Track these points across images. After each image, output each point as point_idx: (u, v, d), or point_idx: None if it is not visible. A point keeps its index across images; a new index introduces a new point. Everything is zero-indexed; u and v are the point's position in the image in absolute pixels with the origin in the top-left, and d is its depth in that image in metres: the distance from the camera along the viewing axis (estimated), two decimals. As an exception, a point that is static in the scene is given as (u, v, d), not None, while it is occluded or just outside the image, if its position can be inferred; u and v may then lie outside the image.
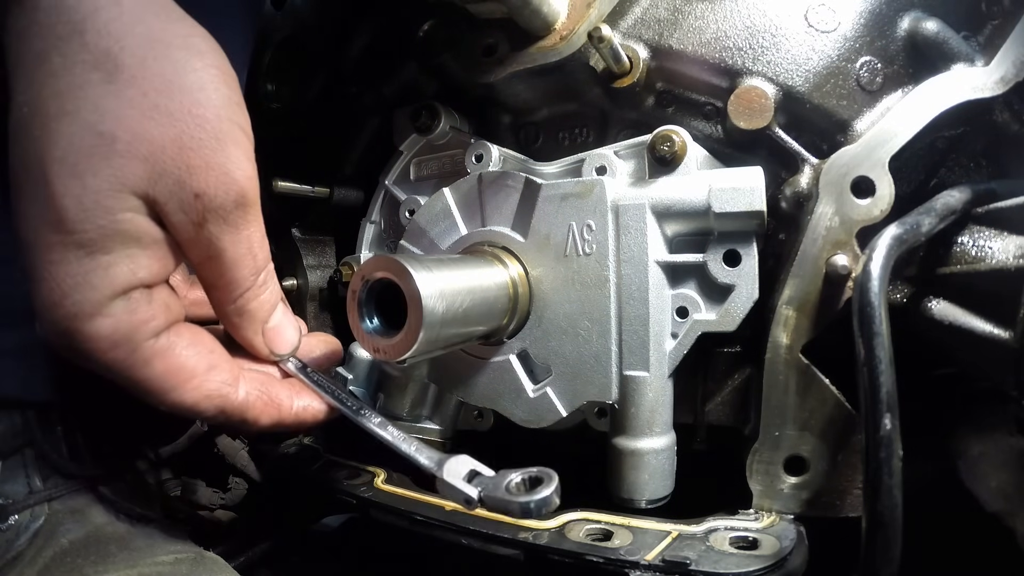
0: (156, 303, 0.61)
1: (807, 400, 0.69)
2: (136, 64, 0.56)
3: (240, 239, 0.63)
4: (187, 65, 0.59)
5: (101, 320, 0.56)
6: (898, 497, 0.56)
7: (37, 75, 0.55)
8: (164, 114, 0.57)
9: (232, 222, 0.61)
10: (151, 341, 0.59)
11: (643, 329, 0.73)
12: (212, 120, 0.59)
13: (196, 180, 0.58)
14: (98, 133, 0.55)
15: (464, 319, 0.68)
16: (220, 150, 0.59)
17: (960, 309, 0.66)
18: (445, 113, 0.92)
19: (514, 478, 0.60)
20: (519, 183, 0.80)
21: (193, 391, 0.62)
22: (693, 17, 0.78)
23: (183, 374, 0.61)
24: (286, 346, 0.72)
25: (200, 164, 0.58)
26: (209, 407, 0.63)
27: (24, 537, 0.77)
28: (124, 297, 0.58)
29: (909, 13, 0.74)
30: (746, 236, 0.71)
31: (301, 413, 0.71)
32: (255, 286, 0.66)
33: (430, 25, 0.91)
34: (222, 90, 0.60)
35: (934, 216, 0.64)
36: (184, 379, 0.61)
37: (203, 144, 0.58)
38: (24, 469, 0.81)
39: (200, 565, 0.75)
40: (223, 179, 0.59)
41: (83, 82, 0.55)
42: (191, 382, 0.62)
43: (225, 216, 0.61)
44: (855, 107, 0.73)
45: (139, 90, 0.56)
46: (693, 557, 0.63)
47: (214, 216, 0.60)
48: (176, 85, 0.58)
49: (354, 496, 0.84)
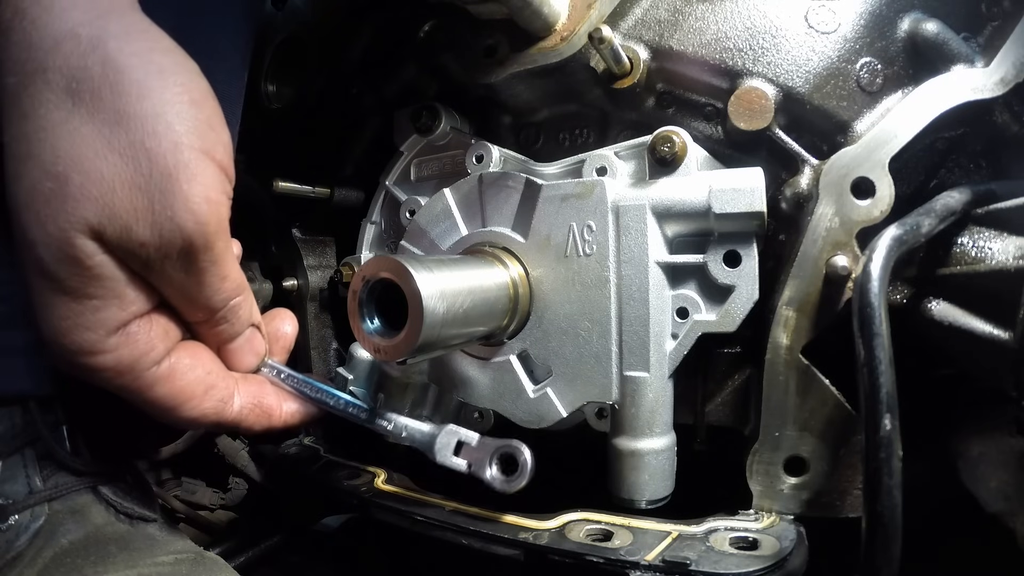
0: (155, 331, 0.63)
1: (807, 400, 0.69)
2: (92, 98, 0.53)
3: (191, 282, 0.62)
4: (144, 90, 0.55)
5: (103, 356, 0.59)
6: (898, 497, 0.56)
7: (12, 115, 0.54)
8: (116, 151, 0.54)
9: (183, 267, 0.61)
10: (153, 369, 0.63)
11: (643, 330, 0.73)
12: (165, 153, 0.55)
13: (140, 228, 0.56)
14: (54, 175, 0.53)
15: (465, 319, 0.68)
16: (169, 191, 0.56)
17: (960, 310, 0.66)
18: (446, 114, 0.92)
19: (494, 454, 0.71)
20: (520, 184, 0.81)
21: (193, 410, 0.67)
22: (693, 18, 0.78)
23: (183, 395, 0.66)
24: (254, 360, 0.77)
25: (145, 208, 0.55)
26: (207, 422, 0.69)
27: (24, 537, 0.77)
28: (121, 332, 0.60)
29: (909, 14, 0.74)
30: (746, 237, 0.72)
31: (289, 419, 0.77)
32: (229, 308, 0.69)
33: (431, 26, 0.92)
34: (184, 112, 0.57)
35: (934, 217, 0.65)
36: (184, 400, 0.66)
37: (151, 183, 0.55)
38: (24, 469, 0.81)
39: (200, 565, 0.75)
40: (168, 226, 0.56)
41: (45, 123, 0.53)
42: (191, 402, 0.67)
43: (173, 262, 0.60)
44: (855, 108, 0.73)
45: (94, 126, 0.53)
46: (693, 557, 0.63)
47: (160, 263, 0.59)
48: (131, 115, 0.54)
49: (354, 496, 0.84)
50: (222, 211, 0.61)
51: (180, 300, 0.65)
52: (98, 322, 0.58)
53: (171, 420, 0.68)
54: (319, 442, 1.02)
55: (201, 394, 0.67)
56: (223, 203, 0.61)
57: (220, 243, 0.62)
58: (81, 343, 0.58)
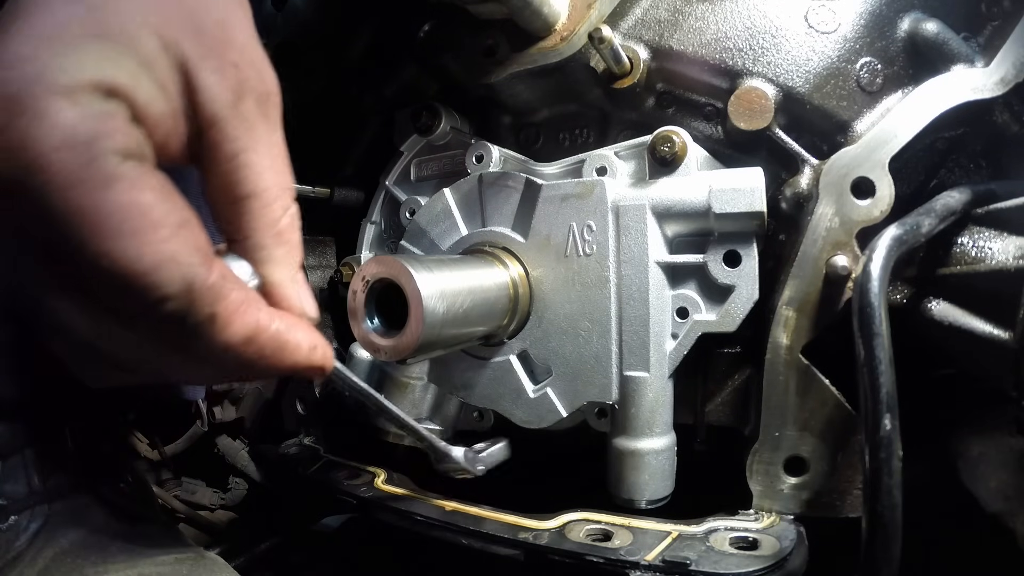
0: (135, 131, 0.45)
1: (807, 400, 0.69)
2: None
3: (274, 139, 0.52)
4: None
5: (67, 103, 0.41)
6: (898, 497, 0.56)
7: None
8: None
9: (266, 113, 0.51)
10: (116, 159, 0.42)
11: (643, 329, 0.73)
12: (251, 22, 0.52)
13: (235, 53, 0.49)
14: None
15: (465, 319, 0.68)
16: (257, 46, 0.52)
17: (960, 310, 0.66)
18: (446, 114, 0.92)
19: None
20: (519, 184, 0.81)
21: (158, 245, 0.43)
22: (693, 18, 0.78)
23: (148, 218, 0.43)
24: (314, 307, 0.57)
25: (240, 43, 0.50)
26: (174, 275, 0.44)
27: (24, 537, 0.77)
28: (105, 97, 0.43)
29: (909, 14, 0.74)
30: (746, 237, 0.72)
31: (282, 335, 0.52)
32: (290, 212, 0.54)
33: (431, 26, 0.92)
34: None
35: (934, 217, 0.65)
36: (149, 225, 0.43)
37: (243, 30, 0.51)
38: (24, 469, 0.81)
39: (200, 565, 0.75)
40: (260, 65, 0.51)
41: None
42: (156, 232, 0.43)
43: (261, 101, 0.51)
44: (855, 108, 0.73)
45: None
46: (693, 557, 0.63)
47: (251, 95, 0.50)
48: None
49: (354, 496, 0.84)
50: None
51: (247, 165, 0.50)
52: (96, 61, 0.42)
53: (114, 260, 0.42)
54: (319, 442, 1.02)
55: (173, 225, 0.44)
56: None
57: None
58: (53, 70, 0.41)
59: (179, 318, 0.45)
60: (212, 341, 0.47)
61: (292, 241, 0.55)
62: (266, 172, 0.51)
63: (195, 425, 1.27)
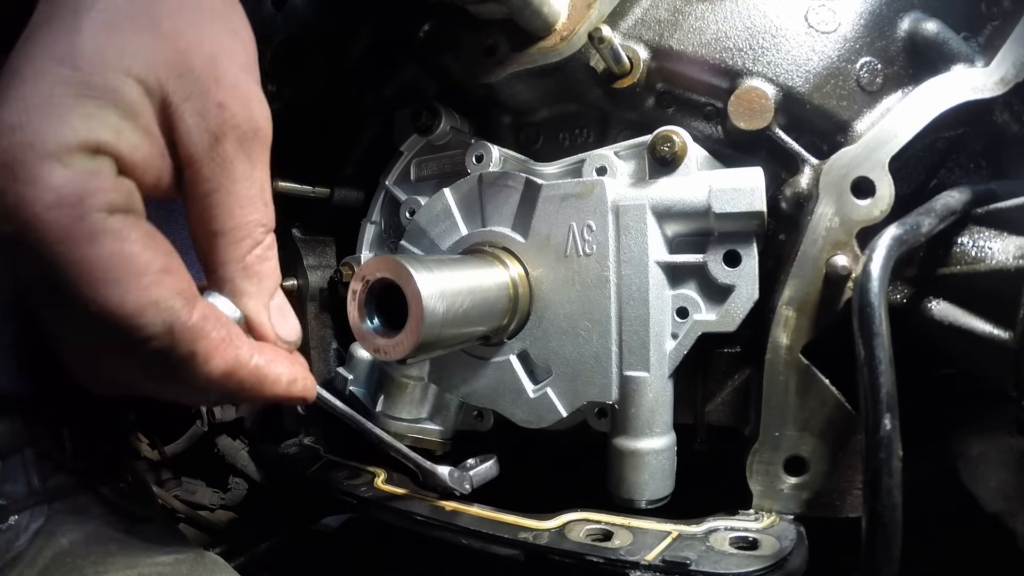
0: (122, 186, 0.49)
1: (807, 400, 0.69)
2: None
3: (254, 175, 0.55)
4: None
5: (57, 166, 0.45)
6: (898, 497, 0.56)
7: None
8: (210, 19, 0.53)
9: (248, 151, 0.54)
10: (103, 215, 0.46)
11: (643, 329, 0.73)
12: (247, 50, 0.55)
13: (221, 92, 0.52)
14: (151, 2, 0.50)
15: (464, 319, 0.68)
16: (249, 79, 0.55)
17: (960, 309, 0.66)
18: (446, 113, 0.92)
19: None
20: (519, 183, 0.81)
21: (141, 291, 0.47)
22: (693, 18, 0.78)
23: (133, 266, 0.47)
24: (293, 332, 0.61)
25: (229, 80, 0.53)
26: (156, 318, 0.48)
27: (24, 537, 0.77)
28: (91, 155, 0.47)
29: (909, 14, 0.74)
30: (746, 237, 0.72)
31: (261, 370, 0.56)
32: (264, 244, 0.57)
33: (431, 26, 0.91)
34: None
35: (934, 217, 0.65)
36: (133, 273, 0.47)
37: (236, 63, 0.53)
38: (24, 469, 0.81)
39: (200, 565, 0.75)
40: (247, 102, 0.54)
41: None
42: (141, 279, 0.48)
43: (242, 141, 0.53)
44: (855, 108, 0.73)
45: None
46: (693, 557, 0.63)
47: (232, 135, 0.52)
48: (226, 6, 0.54)
49: (354, 496, 0.84)
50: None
51: (224, 202, 0.54)
52: (83, 125, 0.46)
53: (102, 306, 0.47)
54: (319, 442, 1.02)
55: (156, 271, 0.48)
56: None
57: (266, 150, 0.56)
58: (46, 136, 0.45)
59: (163, 355, 0.50)
60: (194, 374, 0.52)
61: (261, 273, 0.58)
62: (236, 210, 0.54)
63: (195, 425, 1.27)
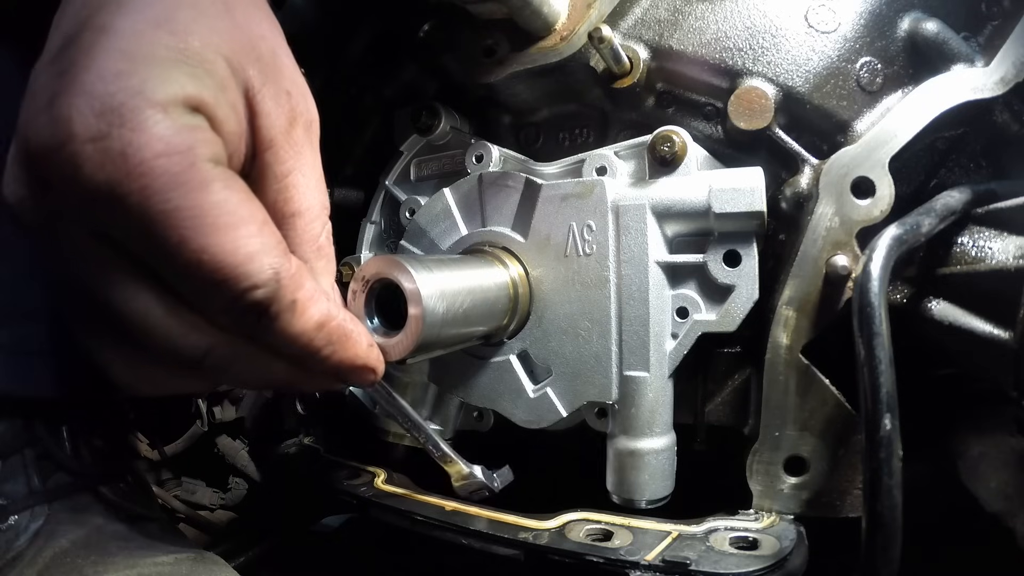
0: (220, 143, 0.49)
1: (807, 400, 0.69)
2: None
3: (316, 162, 0.58)
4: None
5: (163, 116, 0.45)
6: (898, 497, 0.56)
7: None
8: (267, 18, 0.56)
9: (311, 139, 0.57)
10: (210, 164, 0.47)
11: (643, 329, 0.73)
12: (289, 47, 0.59)
13: (286, 81, 0.55)
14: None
15: (464, 319, 0.68)
16: (300, 76, 0.58)
17: (960, 309, 0.66)
18: (445, 113, 0.92)
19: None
20: (519, 183, 0.80)
21: (251, 238, 0.48)
22: (693, 18, 0.78)
23: (239, 215, 0.47)
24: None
25: (289, 73, 0.56)
26: (265, 264, 0.48)
27: (24, 537, 0.77)
28: (192, 112, 0.47)
29: (909, 14, 0.74)
30: (746, 236, 0.71)
31: (346, 324, 0.57)
32: (327, 229, 0.59)
33: (430, 26, 0.91)
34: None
35: (934, 216, 0.65)
36: (242, 220, 0.47)
37: (290, 58, 0.57)
38: (24, 469, 0.81)
39: (200, 565, 0.75)
40: (305, 94, 0.57)
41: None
42: (248, 227, 0.48)
43: (307, 128, 0.56)
44: (855, 108, 0.73)
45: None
46: (693, 557, 0.63)
47: (300, 121, 0.56)
48: (270, 11, 0.58)
49: (354, 496, 0.84)
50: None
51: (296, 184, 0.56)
52: (188, 80, 0.46)
53: (214, 252, 0.46)
54: (319, 442, 1.02)
55: (260, 222, 0.49)
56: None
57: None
58: (154, 84, 0.45)
59: (264, 306, 0.49)
60: (288, 326, 0.52)
61: (330, 255, 0.60)
62: (310, 192, 0.56)
63: (195, 425, 1.27)
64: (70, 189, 0.45)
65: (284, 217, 0.56)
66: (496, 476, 0.76)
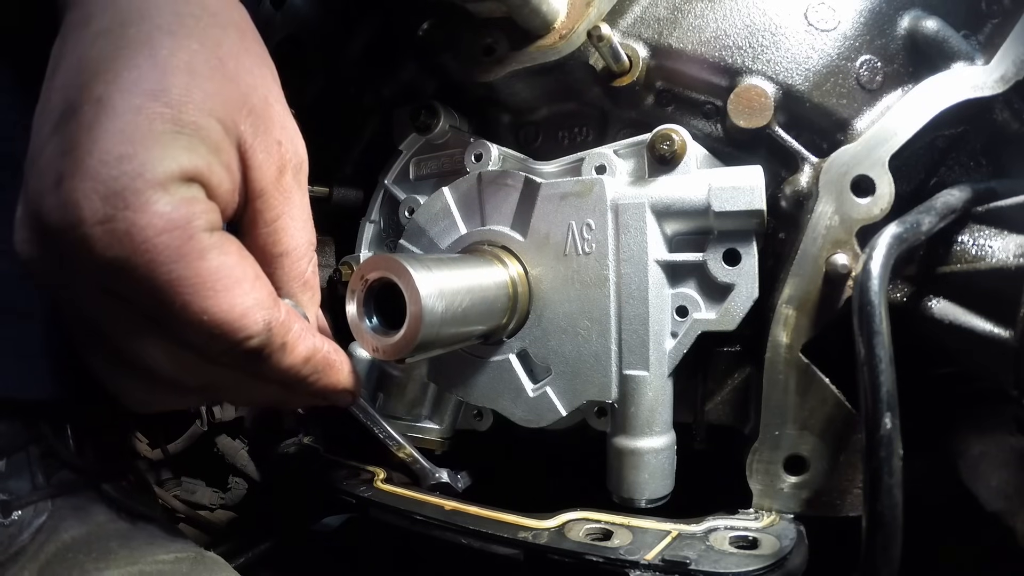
0: (214, 208, 0.54)
1: (807, 399, 0.69)
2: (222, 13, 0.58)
3: (304, 202, 0.63)
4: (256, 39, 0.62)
5: (163, 193, 0.49)
6: (898, 497, 0.56)
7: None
8: (258, 63, 0.59)
9: (299, 181, 0.62)
10: (207, 234, 0.52)
11: (643, 328, 0.73)
12: (279, 85, 0.62)
13: (276, 130, 0.59)
14: (215, 47, 0.55)
15: (464, 318, 0.68)
16: (289, 116, 0.62)
17: (960, 308, 0.66)
18: (444, 112, 0.92)
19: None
20: (518, 182, 0.80)
21: (245, 295, 0.54)
22: (693, 16, 0.78)
23: (236, 275, 0.53)
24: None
25: (279, 120, 0.60)
26: (258, 318, 0.54)
27: (27, 532, 0.77)
28: (188, 184, 0.51)
29: (909, 12, 0.74)
30: (746, 235, 0.71)
31: (330, 355, 0.64)
32: (314, 260, 0.66)
33: (429, 25, 0.91)
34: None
35: (934, 215, 0.64)
36: (236, 280, 0.53)
37: (280, 102, 0.61)
38: (28, 466, 0.81)
39: (200, 565, 0.75)
40: (294, 138, 0.62)
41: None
42: (243, 285, 0.54)
43: (296, 172, 0.61)
44: (855, 106, 0.73)
45: (238, 32, 0.58)
46: (693, 557, 0.63)
47: (289, 168, 0.60)
48: (261, 48, 0.61)
49: (354, 496, 0.84)
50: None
51: (284, 227, 0.61)
52: (183, 156, 0.50)
53: (213, 312, 0.52)
54: (319, 442, 1.02)
55: (253, 278, 0.55)
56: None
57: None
58: (153, 166, 0.49)
59: (258, 351, 0.56)
60: (279, 363, 0.59)
61: (315, 287, 0.67)
62: (297, 233, 0.62)
63: (195, 425, 1.27)
64: (81, 263, 0.49)
65: (273, 257, 0.62)
66: (459, 477, 0.85)
